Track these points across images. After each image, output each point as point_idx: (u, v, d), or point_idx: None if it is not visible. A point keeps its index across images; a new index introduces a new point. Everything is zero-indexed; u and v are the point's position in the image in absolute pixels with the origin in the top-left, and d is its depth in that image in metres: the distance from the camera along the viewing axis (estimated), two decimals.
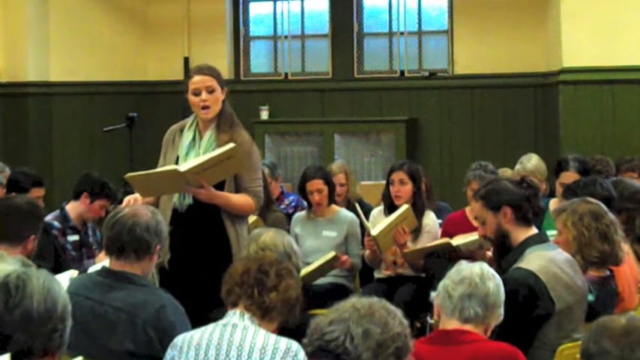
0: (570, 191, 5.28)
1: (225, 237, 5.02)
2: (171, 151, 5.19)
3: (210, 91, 5.05)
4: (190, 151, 5.09)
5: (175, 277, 4.99)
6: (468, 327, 3.58)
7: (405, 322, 2.79)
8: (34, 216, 4.89)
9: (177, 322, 3.90)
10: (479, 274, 3.62)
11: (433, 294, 3.69)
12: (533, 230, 4.41)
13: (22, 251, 4.63)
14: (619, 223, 4.63)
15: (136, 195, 4.89)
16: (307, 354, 2.74)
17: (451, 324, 3.60)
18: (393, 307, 2.81)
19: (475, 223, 5.21)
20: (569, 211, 4.58)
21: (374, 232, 6.23)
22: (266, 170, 7.50)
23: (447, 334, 3.59)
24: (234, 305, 3.55)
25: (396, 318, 2.76)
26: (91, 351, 3.78)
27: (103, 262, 4.56)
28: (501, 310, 3.65)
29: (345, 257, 6.37)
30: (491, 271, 3.68)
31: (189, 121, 5.20)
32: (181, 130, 5.20)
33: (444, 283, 3.64)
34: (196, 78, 5.07)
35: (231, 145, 4.86)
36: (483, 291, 3.58)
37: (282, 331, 3.57)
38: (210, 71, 5.12)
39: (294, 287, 3.60)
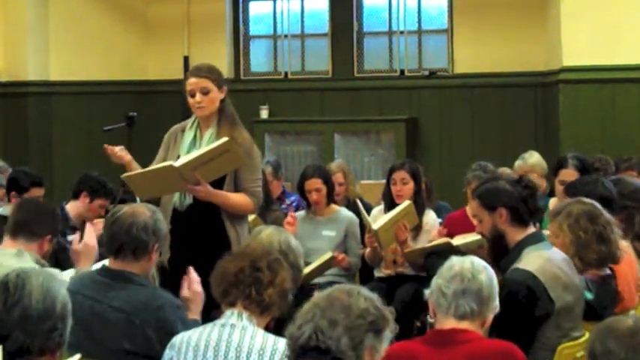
0: (572, 188, 5.27)
1: (226, 237, 5.03)
2: (173, 151, 5.21)
3: (205, 92, 5.10)
4: (191, 150, 5.11)
5: (175, 277, 4.99)
6: (464, 324, 3.57)
7: (372, 295, 2.82)
8: (53, 215, 4.90)
9: (176, 321, 3.90)
10: (470, 268, 3.61)
11: (427, 292, 3.68)
12: (531, 230, 4.40)
13: (38, 250, 4.65)
14: (615, 222, 4.61)
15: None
16: None
17: (447, 322, 3.59)
18: (356, 287, 2.84)
19: (475, 222, 5.21)
20: (564, 214, 4.56)
21: (375, 226, 6.23)
22: (269, 169, 7.49)
23: (442, 334, 3.59)
24: (232, 305, 3.55)
25: (360, 296, 2.79)
26: (90, 350, 3.78)
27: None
28: (497, 302, 3.64)
29: (342, 256, 6.37)
30: (482, 263, 3.67)
31: (190, 121, 5.23)
32: (183, 131, 5.24)
33: (436, 281, 3.63)
34: (191, 80, 5.14)
35: (225, 138, 4.87)
36: (476, 285, 3.58)
37: (282, 333, 3.57)
38: (205, 72, 5.14)
39: (288, 277, 3.62)
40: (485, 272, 3.62)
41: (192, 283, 4.11)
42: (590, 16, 9.04)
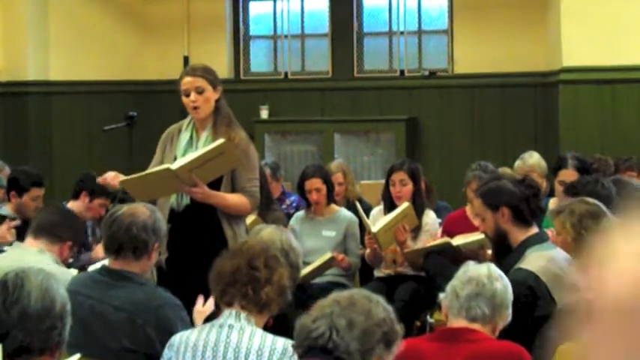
0: (572, 189, 5.28)
1: (223, 237, 5.02)
2: (170, 152, 5.19)
3: (200, 91, 5.08)
4: (188, 151, 5.10)
5: (172, 277, 4.99)
6: (474, 326, 3.58)
7: (389, 308, 2.82)
8: (78, 223, 4.92)
9: (176, 320, 3.90)
10: (486, 274, 3.63)
11: (441, 295, 3.69)
12: (534, 230, 4.40)
13: (58, 255, 4.66)
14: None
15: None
16: (299, 356, 2.75)
17: (458, 323, 3.59)
18: (375, 296, 2.84)
19: (475, 223, 5.22)
20: (567, 213, 4.56)
21: (374, 228, 6.22)
22: (267, 171, 7.50)
23: (451, 332, 3.60)
24: (229, 305, 3.55)
25: (379, 305, 2.80)
26: (90, 349, 3.79)
27: (100, 259, 4.59)
28: (509, 311, 3.64)
29: (341, 256, 6.37)
30: (499, 271, 3.69)
31: (186, 121, 5.22)
32: (179, 131, 5.22)
33: (452, 284, 3.65)
34: (185, 79, 5.13)
35: (220, 140, 4.87)
36: (490, 291, 3.59)
37: (281, 329, 3.57)
38: (199, 72, 5.13)
39: (285, 274, 3.61)
40: (501, 280, 3.64)
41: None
42: (590, 16, 9.04)
